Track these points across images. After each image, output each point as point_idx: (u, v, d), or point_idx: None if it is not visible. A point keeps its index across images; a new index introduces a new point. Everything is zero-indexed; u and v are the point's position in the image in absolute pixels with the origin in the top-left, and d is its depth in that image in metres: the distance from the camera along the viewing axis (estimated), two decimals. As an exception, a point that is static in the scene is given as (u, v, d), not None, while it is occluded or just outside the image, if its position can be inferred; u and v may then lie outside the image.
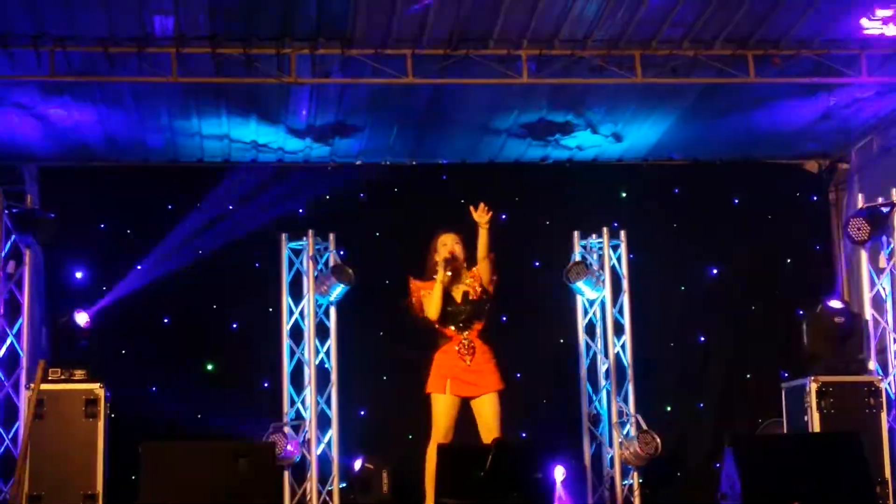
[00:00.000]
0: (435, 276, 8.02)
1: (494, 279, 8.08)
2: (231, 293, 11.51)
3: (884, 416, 9.96)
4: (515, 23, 9.36)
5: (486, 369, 7.97)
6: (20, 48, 9.26)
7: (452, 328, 8.02)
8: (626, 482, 10.80)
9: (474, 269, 8.05)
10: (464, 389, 7.93)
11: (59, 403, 9.45)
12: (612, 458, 10.77)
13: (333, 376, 10.64)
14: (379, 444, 11.00)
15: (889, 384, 10.29)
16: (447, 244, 8.07)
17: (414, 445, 10.16)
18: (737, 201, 12.21)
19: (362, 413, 11.39)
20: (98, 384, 9.53)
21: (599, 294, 10.99)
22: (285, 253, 10.73)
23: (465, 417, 8.01)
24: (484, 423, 7.92)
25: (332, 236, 10.80)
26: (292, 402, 10.57)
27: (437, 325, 8.04)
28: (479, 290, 8.04)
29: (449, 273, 7.98)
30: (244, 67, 9.57)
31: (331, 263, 10.70)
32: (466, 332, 7.99)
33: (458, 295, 8.04)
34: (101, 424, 9.45)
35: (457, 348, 7.96)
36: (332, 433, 10.57)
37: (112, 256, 11.36)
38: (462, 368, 7.93)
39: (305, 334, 10.66)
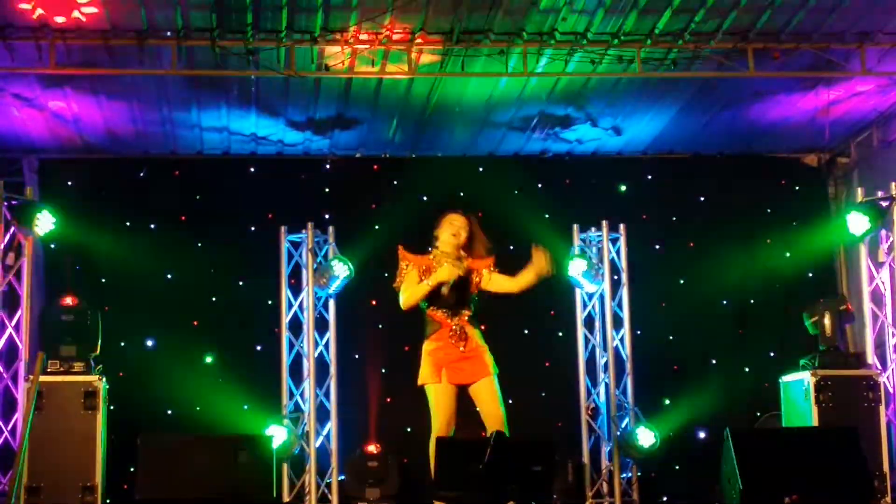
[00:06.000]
0: (429, 250, 7.76)
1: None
2: (230, 285, 11.52)
3: (882, 409, 9.95)
4: (514, 16, 9.35)
5: (478, 354, 7.68)
6: (21, 40, 9.24)
7: (441, 313, 7.69)
8: (624, 475, 10.81)
9: (478, 260, 7.77)
10: (459, 377, 7.64)
11: (58, 395, 9.44)
12: (610, 452, 10.79)
13: (332, 369, 10.65)
14: (377, 436, 11.00)
15: (887, 378, 10.30)
16: (455, 223, 7.78)
17: (412, 438, 10.21)
18: (736, 195, 12.20)
19: (361, 406, 11.40)
20: (97, 376, 9.55)
21: (598, 287, 11.00)
22: (284, 245, 10.72)
23: (464, 409, 7.77)
24: (485, 407, 7.64)
25: (331, 229, 10.81)
26: (291, 395, 10.58)
27: (427, 311, 7.70)
28: (476, 282, 7.76)
29: (448, 278, 7.62)
30: (245, 60, 9.56)
31: (330, 256, 10.70)
32: (456, 319, 7.69)
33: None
34: (99, 416, 9.46)
35: (449, 335, 7.66)
36: (331, 426, 10.57)
37: (111, 249, 11.35)
38: (457, 356, 7.64)
39: (304, 327, 10.66)
